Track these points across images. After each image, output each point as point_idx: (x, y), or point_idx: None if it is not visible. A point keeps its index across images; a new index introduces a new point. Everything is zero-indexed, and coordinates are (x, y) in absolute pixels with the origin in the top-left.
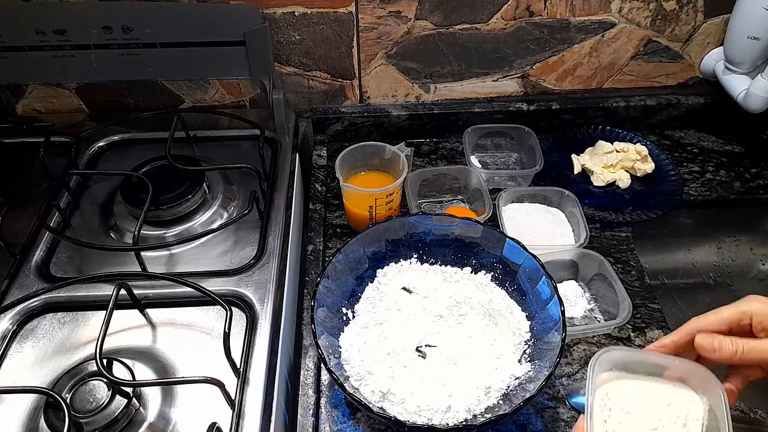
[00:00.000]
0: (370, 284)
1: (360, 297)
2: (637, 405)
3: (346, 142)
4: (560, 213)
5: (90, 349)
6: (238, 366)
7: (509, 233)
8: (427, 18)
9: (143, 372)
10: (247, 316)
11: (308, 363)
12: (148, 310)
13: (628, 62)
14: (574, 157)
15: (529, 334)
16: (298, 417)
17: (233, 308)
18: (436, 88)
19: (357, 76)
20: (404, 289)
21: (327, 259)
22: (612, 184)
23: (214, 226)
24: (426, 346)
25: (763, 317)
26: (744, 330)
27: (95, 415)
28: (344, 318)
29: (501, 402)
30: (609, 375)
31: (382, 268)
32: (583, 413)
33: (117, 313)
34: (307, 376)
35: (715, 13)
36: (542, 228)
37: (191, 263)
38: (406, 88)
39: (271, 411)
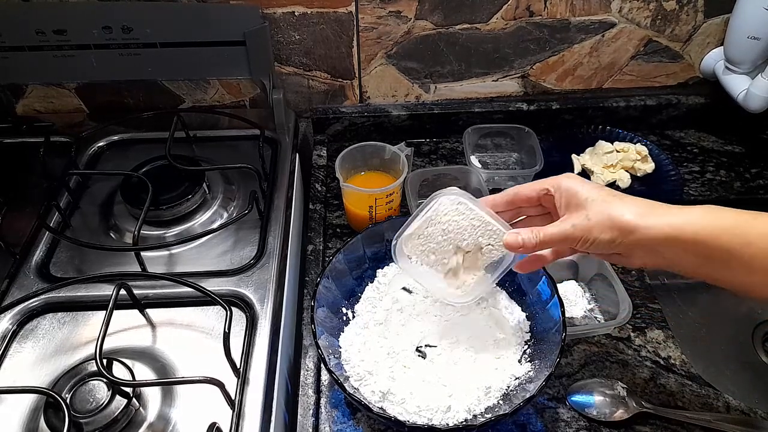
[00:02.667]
0: (370, 284)
1: (360, 297)
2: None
3: (346, 142)
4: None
5: (90, 349)
6: (238, 366)
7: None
8: (427, 18)
9: (143, 372)
10: (247, 316)
11: (308, 363)
12: (148, 310)
13: (628, 62)
14: (574, 157)
15: (529, 334)
16: (298, 417)
17: (233, 308)
18: (436, 88)
19: (357, 76)
20: (404, 289)
21: (327, 259)
22: (612, 184)
23: (214, 226)
24: (426, 346)
25: (565, 194)
26: (551, 201)
27: (95, 415)
28: (344, 318)
29: (501, 402)
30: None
31: (382, 268)
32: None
33: (117, 313)
34: (307, 376)
35: (715, 13)
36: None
37: (191, 263)
38: (406, 88)
39: (271, 411)
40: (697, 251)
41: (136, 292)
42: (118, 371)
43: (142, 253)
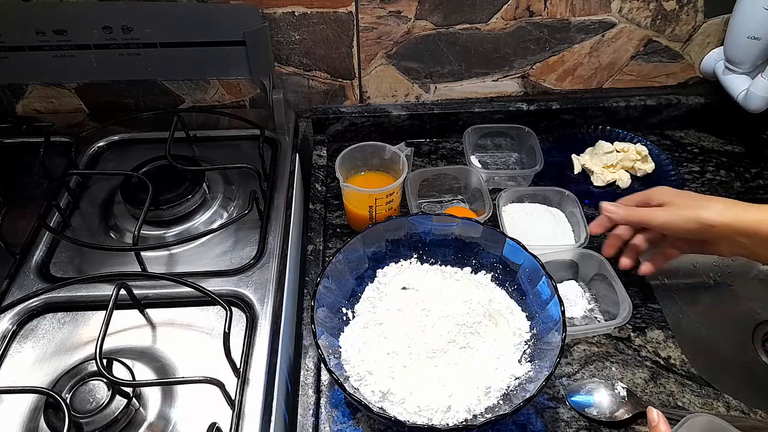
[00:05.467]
0: (370, 284)
1: (360, 297)
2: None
3: (346, 142)
4: (560, 213)
5: (90, 349)
6: (238, 366)
7: (509, 233)
8: (427, 18)
9: (143, 372)
10: (247, 316)
11: (308, 363)
12: (148, 310)
13: (628, 62)
14: (574, 157)
15: (529, 334)
16: (298, 417)
17: (233, 308)
18: (436, 88)
19: (357, 76)
20: (404, 288)
21: (327, 259)
22: (612, 184)
23: (214, 226)
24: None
25: (658, 195)
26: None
27: (95, 415)
28: (344, 318)
29: (501, 402)
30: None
31: (382, 268)
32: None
33: (117, 313)
34: (307, 376)
35: (715, 13)
36: (542, 228)
37: (191, 263)
38: (406, 88)
39: (271, 411)
40: None
41: (136, 292)
42: (118, 371)
43: (142, 253)
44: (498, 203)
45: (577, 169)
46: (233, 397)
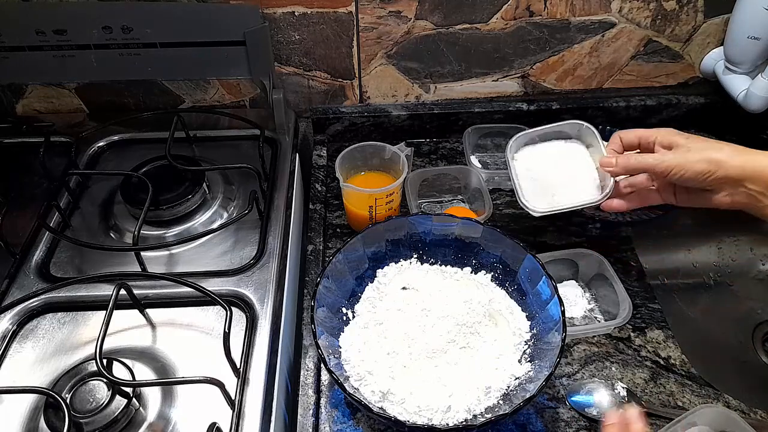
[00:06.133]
0: (370, 284)
1: (360, 297)
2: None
3: (346, 142)
4: (581, 147)
5: (90, 349)
6: (238, 366)
7: (524, 191)
8: (427, 18)
9: (143, 372)
10: (247, 316)
11: (308, 363)
12: (148, 310)
13: (628, 62)
14: None
15: (529, 334)
16: (298, 417)
17: (233, 308)
18: (436, 88)
19: (357, 76)
20: (404, 288)
21: (327, 259)
22: None
23: (214, 226)
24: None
25: (663, 138)
26: (648, 148)
27: (95, 415)
28: (344, 318)
29: (501, 402)
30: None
31: (382, 268)
32: (582, 412)
33: (117, 313)
34: (307, 376)
35: (715, 13)
36: (564, 175)
37: (191, 263)
38: (406, 88)
39: (271, 411)
40: None
41: (136, 292)
42: (118, 371)
43: (142, 253)
44: (508, 154)
45: None
46: (233, 397)
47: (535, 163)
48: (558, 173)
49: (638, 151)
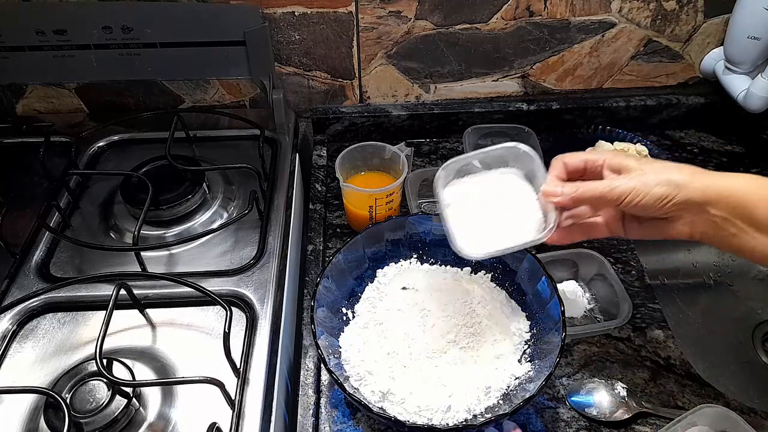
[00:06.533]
0: (370, 284)
1: (360, 297)
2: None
3: (346, 142)
4: (518, 174)
5: (90, 349)
6: (238, 366)
7: (458, 235)
8: (427, 18)
9: (143, 372)
10: (247, 316)
11: (308, 363)
12: (148, 310)
13: (628, 62)
14: None
15: (529, 334)
16: (298, 417)
17: (233, 308)
18: (436, 88)
19: (357, 76)
20: (404, 289)
21: (327, 259)
22: None
23: (214, 226)
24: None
25: (612, 161)
26: (596, 172)
27: (95, 415)
28: (344, 318)
29: (501, 402)
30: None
31: (382, 268)
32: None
33: (117, 313)
34: (307, 376)
35: (715, 13)
36: (501, 208)
37: (191, 263)
38: (406, 88)
39: (271, 411)
40: (743, 213)
41: (136, 292)
42: (118, 371)
43: (142, 253)
44: (437, 192)
45: None
46: (233, 397)
47: (467, 200)
48: (494, 209)
49: (581, 177)
